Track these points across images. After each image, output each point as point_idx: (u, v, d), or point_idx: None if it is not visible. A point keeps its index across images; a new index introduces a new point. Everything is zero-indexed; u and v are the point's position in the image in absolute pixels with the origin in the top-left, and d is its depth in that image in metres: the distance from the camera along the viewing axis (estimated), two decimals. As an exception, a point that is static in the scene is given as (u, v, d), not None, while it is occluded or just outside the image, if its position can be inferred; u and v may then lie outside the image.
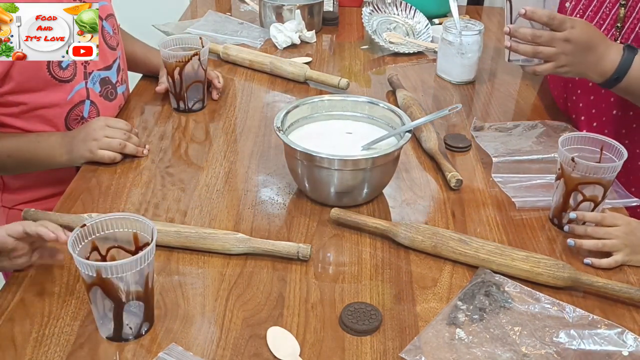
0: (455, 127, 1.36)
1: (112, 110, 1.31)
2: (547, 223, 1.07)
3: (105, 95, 1.27)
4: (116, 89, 1.31)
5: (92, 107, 1.24)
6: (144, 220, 0.82)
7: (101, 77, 1.26)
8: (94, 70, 1.24)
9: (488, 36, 1.82)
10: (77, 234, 0.79)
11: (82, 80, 1.21)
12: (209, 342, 0.83)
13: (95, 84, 1.24)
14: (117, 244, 0.84)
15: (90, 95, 1.23)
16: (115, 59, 1.30)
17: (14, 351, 0.80)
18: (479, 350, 0.82)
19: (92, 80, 1.24)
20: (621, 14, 1.21)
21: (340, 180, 1.04)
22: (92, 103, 1.24)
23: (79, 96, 1.21)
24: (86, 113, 1.23)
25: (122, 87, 1.34)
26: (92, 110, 1.24)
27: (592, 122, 1.34)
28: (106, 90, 1.27)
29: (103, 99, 1.27)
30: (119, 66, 1.32)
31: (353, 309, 0.87)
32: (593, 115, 1.34)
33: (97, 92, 1.25)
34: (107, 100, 1.28)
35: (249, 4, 2.00)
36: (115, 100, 1.31)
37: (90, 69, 1.23)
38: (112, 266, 0.76)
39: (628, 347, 0.83)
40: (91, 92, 1.24)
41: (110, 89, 1.29)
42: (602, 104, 1.31)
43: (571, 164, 0.99)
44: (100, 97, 1.26)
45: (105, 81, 1.27)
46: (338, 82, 1.45)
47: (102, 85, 1.26)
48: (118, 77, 1.31)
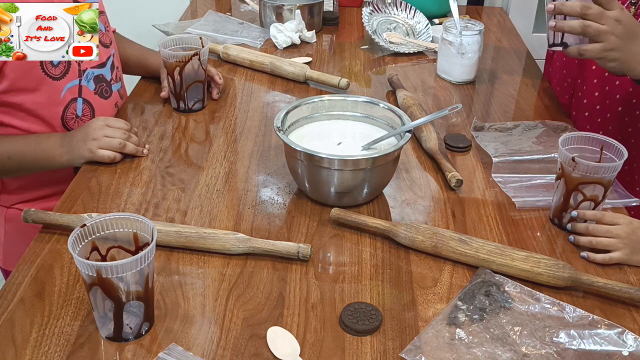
0: (455, 127, 1.36)
1: (107, 107, 1.31)
2: (547, 223, 1.07)
3: (100, 93, 1.27)
4: (111, 86, 1.30)
5: (85, 104, 1.23)
6: (144, 220, 0.82)
7: (95, 74, 1.26)
8: (88, 67, 1.24)
9: (488, 36, 1.82)
10: (77, 234, 0.79)
11: (75, 77, 1.21)
12: (209, 342, 0.83)
13: (89, 81, 1.24)
14: (117, 244, 0.84)
15: (82, 93, 1.23)
16: (109, 56, 1.30)
17: (14, 351, 0.80)
18: (479, 350, 0.82)
19: (87, 78, 1.23)
20: (631, 12, 1.19)
21: (341, 180, 1.04)
22: (85, 101, 1.24)
23: (71, 94, 1.21)
24: (79, 111, 1.23)
25: (117, 84, 1.34)
26: (85, 108, 1.24)
27: (597, 119, 1.34)
28: (101, 88, 1.27)
29: (98, 97, 1.27)
30: (113, 64, 1.32)
31: (353, 309, 0.87)
32: (597, 111, 1.34)
33: (92, 90, 1.25)
34: (102, 98, 1.28)
35: (249, 4, 2.00)
36: (111, 98, 1.31)
37: (84, 66, 1.22)
38: (112, 266, 0.76)
39: (628, 347, 0.83)
40: (85, 89, 1.23)
41: (105, 87, 1.28)
42: (607, 100, 1.31)
43: (571, 164, 0.99)
44: (95, 95, 1.26)
45: (99, 79, 1.27)
46: (338, 82, 1.45)
47: (96, 83, 1.26)
48: (112, 74, 1.31)
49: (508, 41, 1.86)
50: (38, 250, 0.97)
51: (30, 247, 0.98)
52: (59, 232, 1.01)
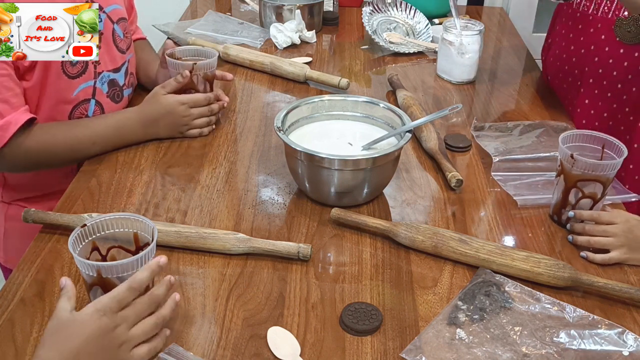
0: (455, 127, 1.36)
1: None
2: (547, 221, 1.07)
3: (112, 97, 1.28)
4: (123, 91, 1.31)
5: (97, 106, 1.24)
6: (144, 220, 0.82)
7: (110, 78, 1.27)
8: (104, 70, 1.25)
9: (488, 36, 1.82)
10: (77, 234, 0.79)
11: (91, 78, 1.22)
12: (210, 342, 0.83)
13: (104, 84, 1.25)
14: (118, 244, 0.84)
15: (96, 95, 1.24)
16: (124, 62, 1.31)
17: (14, 351, 0.80)
18: (480, 350, 0.82)
19: (101, 80, 1.24)
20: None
21: (341, 180, 1.04)
22: (97, 103, 1.24)
23: (85, 94, 1.22)
24: (91, 112, 1.23)
25: (129, 90, 1.35)
26: (96, 110, 1.24)
27: (595, 122, 1.36)
28: (113, 92, 1.28)
29: (110, 100, 1.27)
30: (127, 69, 1.32)
31: (353, 309, 0.87)
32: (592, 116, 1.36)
33: (105, 93, 1.26)
34: (113, 101, 1.28)
35: (249, 4, 2.00)
36: (121, 102, 1.32)
37: (100, 69, 1.23)
38: (113, 266, 0.76)
39: (628, 347, 0.83)
40: (98, 91, 1.24)
41: (118, 91, 1.29)
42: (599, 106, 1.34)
43: (570, 161, 0.99)
44: (107, 97, 1.27)
45: (113, 83, 1.27)
46: (338, 82, 1.45)
47: (110, 87, 1.27)
48: (125, 80, 1.32)
49: (508, 41, 1.86)
50: (38, 250, 0.97)
51: (31, 247, 0.98)
52: (59, 232, 1.01)
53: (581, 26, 1.37)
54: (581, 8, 1.36)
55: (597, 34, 1.33)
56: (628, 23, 1.26)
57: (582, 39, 1.37)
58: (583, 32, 1.37)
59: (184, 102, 1.24)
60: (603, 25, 1.31)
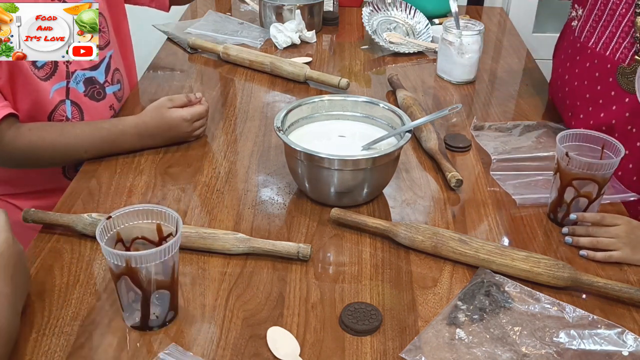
0: (455, 127, 1.36)
1: (101, 110, 1.30)
2: (547, 221, 1.07)
3: (92, 95, 1.26)
4: (104, 89, 1.29)
5: (74, 107, 1.23)
6: (167, 211, 0.83)
7: (86, 76, 1.25)
8: (78, 69, 1.23)
9: (488, 36, 1.82)
10: (103, 226, 0.80)
11: (62, 79, 1.20)
12: (209, 342, 0.83)
13: (78, 83, 1.23)
14: (141, 235, 0.85)
15: (70, 95, 1.22)
16: (104, 58, 1.29)
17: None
18: (479, 350, 0.82)
19: (75, 79, 1.22)
20: (638, 23, 1.15)
21: (340, 180, 1.04)
22: (73, 103, 1.23)
23: (59, 95, 1.20)
24: (69, 113, 1.22)
25: (115, 87, 1.33)
26: (74, 111, 1.23)
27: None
28: (92, 90, 1.26)
29: (88, 99, 1.26)
30: (109, 65, 1.30)
31: (353, 309, 0.87)
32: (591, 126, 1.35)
33: (82, 92, 1.24)
34: (93, 100, 1.26)
35: (249, 4, 2.00)
36: (104, 100, 1.30)
37: (72, 68, 1.22)
38: (141, 256, 0.77)
39: (628, 347, 0.83)
40: (72, 91, 1.22)
41: (97, 89, 1.27)
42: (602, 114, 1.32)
43: (565, 159, 0.99)
44: (85, 97, 1.25)
45: (91, 81, 1.25)
46: (338, 82, 1.45)
47: (86, 85, 1.25)
48: (107, 77, 1.30)
49: (508, 41, 1.86)
50: (38, 250, 0.97)
51: (30, 247, 0.98)
52: (59, 232, 1.01)
53: (579, 57, 1.28)
54: (582, 38, 1.27)
55: (592, 69, 1.23)
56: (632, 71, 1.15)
57: (577, 71, 1.28)
58: (579, 64, 1.28)
59: (188, 119, 1.22)
60: (600, 62, 1.21)
